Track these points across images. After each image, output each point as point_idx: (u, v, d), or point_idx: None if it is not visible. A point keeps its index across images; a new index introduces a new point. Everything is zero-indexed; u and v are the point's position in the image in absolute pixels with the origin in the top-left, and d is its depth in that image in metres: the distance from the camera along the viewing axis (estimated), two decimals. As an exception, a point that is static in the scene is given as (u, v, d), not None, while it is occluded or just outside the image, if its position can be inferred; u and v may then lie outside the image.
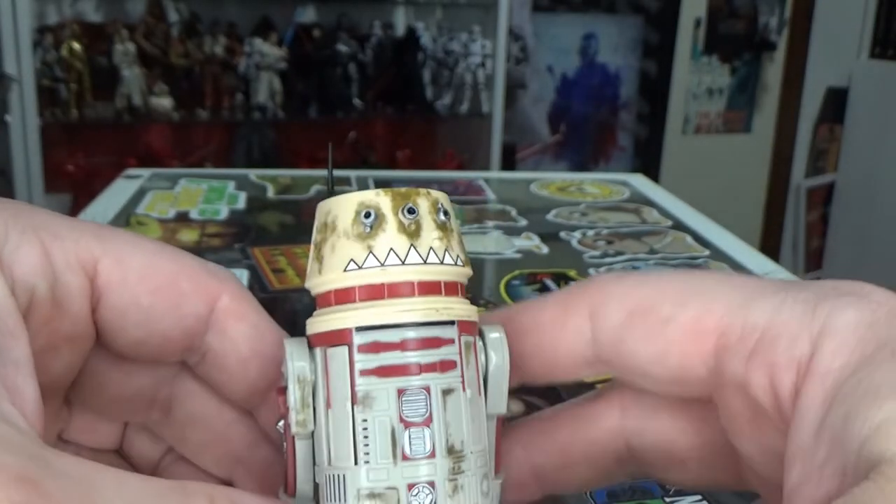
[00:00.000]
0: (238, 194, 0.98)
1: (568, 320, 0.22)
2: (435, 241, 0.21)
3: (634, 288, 0.22)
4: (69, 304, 0.21)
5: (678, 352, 0.21)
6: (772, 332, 0.19)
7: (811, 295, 0.19)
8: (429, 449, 0.19)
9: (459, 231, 0.22)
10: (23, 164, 2.01)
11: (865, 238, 2.80)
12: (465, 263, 0.21)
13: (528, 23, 2.57)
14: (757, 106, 2.91)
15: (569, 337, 0.22)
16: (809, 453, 0.17)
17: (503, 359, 0.21)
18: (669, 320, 0.21)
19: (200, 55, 2.20)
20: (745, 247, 0.85)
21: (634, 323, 0.21)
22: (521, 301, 0.24)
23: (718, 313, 0.20)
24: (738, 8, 2.80)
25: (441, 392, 0.20)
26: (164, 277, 0.22)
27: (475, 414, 0.20)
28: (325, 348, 0.20)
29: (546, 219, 0.92)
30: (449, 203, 0.22)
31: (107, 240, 0.22)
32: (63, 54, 2.06)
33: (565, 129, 2.79)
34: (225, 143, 2.37)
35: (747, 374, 0.19)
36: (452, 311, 0.20)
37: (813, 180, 2.99)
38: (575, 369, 0.23)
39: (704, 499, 0.42)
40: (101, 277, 0.21)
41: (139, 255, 0.22)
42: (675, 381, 0.21)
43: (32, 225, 0.20)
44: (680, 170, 2.77)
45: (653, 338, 0.21)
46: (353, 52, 2.30)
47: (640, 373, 0.22)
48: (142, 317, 0.22)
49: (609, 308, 0.22)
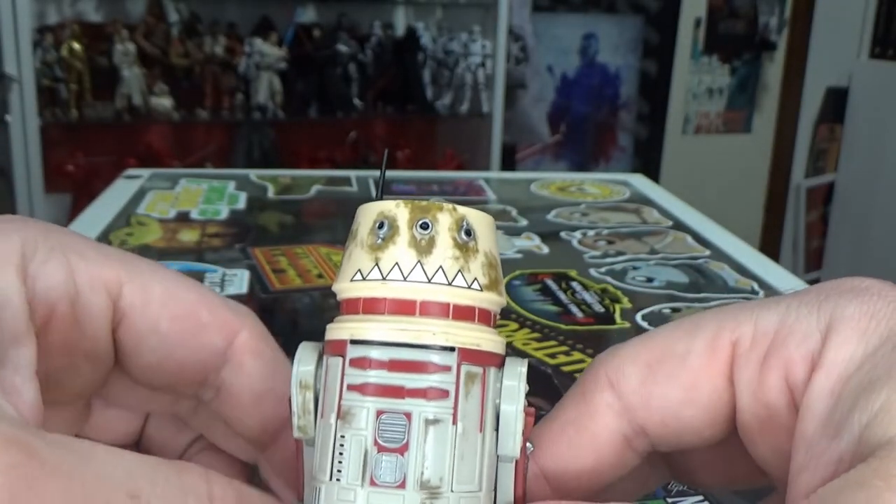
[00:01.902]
0: (238, 194, 0.98)
1: (593, 403, 0.22)
2: (448, 259, 0.20)
3: (642, 344, 0.22)
4: (90, 323, 0.21)
5: (704, 379, 0.21)
6: (783, 333, 0.19)
7: (814, 296, 0.20)
8: (398, 479, 0.18)
9: (491, 256, 0.20)
10: (23, 164, 2.01)
11: (865, 238, 2.80)
12: (485, 288, 0.20)
13: (528, 23, 2.57)
14: (757, 106, 2.91)
15: (601, 417, 0.22)
16: (812, 443, 0.18)
17: (515, 398, 0.20)
18: (686, 354, 0.21)
19: (200, 55, 2.20)
20: (745, 247, 0.85)
21: (655, 371, 0.21)
22: (544, 418, 0.23)
23: (729, 328, 0.20)
24: (738, 8, 2.80)
25: (424, 421, 0.19)
26: (186, 307, 0.23)
27: (467, 451, 0.19)
28: (328, 357, 0.20)
29: (546, 219, 0.92)
30: (484, 223, 0.20)
31: (132, 265, 0.22)
32: (63, 54, 2.06)
33: (565, 129, 2.79)
34: (225, 143, 2.37)
35: (762, 377, 0.20)
36: (455, 337, 0.19)
37: (813, 180, 2.99)
38: (618, 452, 0.22)
39: (706, 499, 0.42)
40: (125, 300, 0.22)
41: (162, 283, 0.22)
42: (710, 414, 0.21)
43: (61, 244, 0.21)
44: (680, 170, 2.77)
45: (677, 376, 0.21)
46: (353, 52, 2.30)
47: (677, 421, 0.21)
48: (159, 342, 0.22)
49: (627, 371, 0.21)
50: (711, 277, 0.76)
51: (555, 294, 0.70)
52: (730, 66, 2.83)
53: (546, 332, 0.62)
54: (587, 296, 0.70)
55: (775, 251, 2.97)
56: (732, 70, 2.84)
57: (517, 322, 0.64)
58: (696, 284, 0.74)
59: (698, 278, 0.75)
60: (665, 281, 0.74)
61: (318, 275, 0.72)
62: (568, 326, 0.64)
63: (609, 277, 0.74)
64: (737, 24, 2.81)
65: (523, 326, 0.63)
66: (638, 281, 0.74)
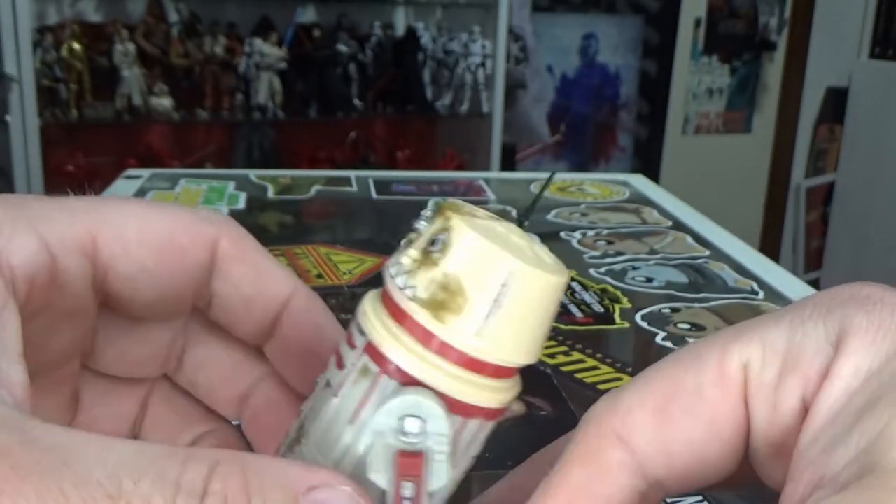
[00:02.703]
0: (238, 194, 0.98)
1: (601, 464, 0.20)
2: (405, 257, 0.20)
3: (644, 386, 0.20)
4: (70, 286, 0.21)
5: (723, 409, 0.19)
6: (794, 351, 0.19)
7: (817, 308, 0.19)
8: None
9: (454, 281, 0.19)
10: (23, 164, 2.01)
11: (865, 238, 2.80)
12: (421, 303, 0.19)
13: (528, 23, 2.57)
14: (757, 106, 2.91)
15: (612, 481, 0.20)
16: (804, 454, 0.17)
17: (384, 413, 0.19)
18: (699, 387, 0.19)
19: (200, 55, 2.20)
20: (745, 247, 0.85)
21: (668, 413, 0.19)
22: (544, 481, 0.20)
23: (735, 351, 0.19)
24: (738, 8, 2.80)
25: (325, 380, 0.21)
26: (164, 237, 0.23)
27: (333, 430, 0.20)
28: None
29: (546, 219, 0.92)
30: (471, 250, 0.19)
31: (99, 213, 0.22)
32: (63, 54, 2.06)
33: (565, 129, 2.79)
34: (225, 144, 2.37)
35: (777, 398, 0.19)
36: (371, 326, 0.20)
37: (813, 180, 2.99)
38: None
39: (705, 499, 0.42)
40: (103, 252, 0.22)
41: (135, 221, 0.22)
42: (733, 445, 0.20)
43: (24, 214, 0.21)
44: (680, 170, 2.77)
45: (694, 412, 0.19)
46: (353, 52, 2.30)
47: (701, 462, 0.20)
48: (150, 280, 0.23)
49: (637, 420, 0.20)
50: (711, 277, 0.76)
51: (554, 294, 0.70)
52: (730, 66, 2.83)
53: (546, 332, 0.62)
54: (587, 296, 0.70)
55: (775, 251, 2.97)
56: (732, 70, 2.84)
57: (517, 322, 0.64)
58: (696, 284, 0.74)
59: (698, 278, 0.75)
60: (665, 281, 0.74)
61: (317, 275, 0.72)
62: (567, 326, 0.64)
63: (609, 277, 0.74)
64: (737, 24, 2.81)
65: (523, 326, 0.63)
66: (637, 281, 0.74)
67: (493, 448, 0.23)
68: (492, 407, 0.20)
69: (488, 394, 0.20)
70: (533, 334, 0.20)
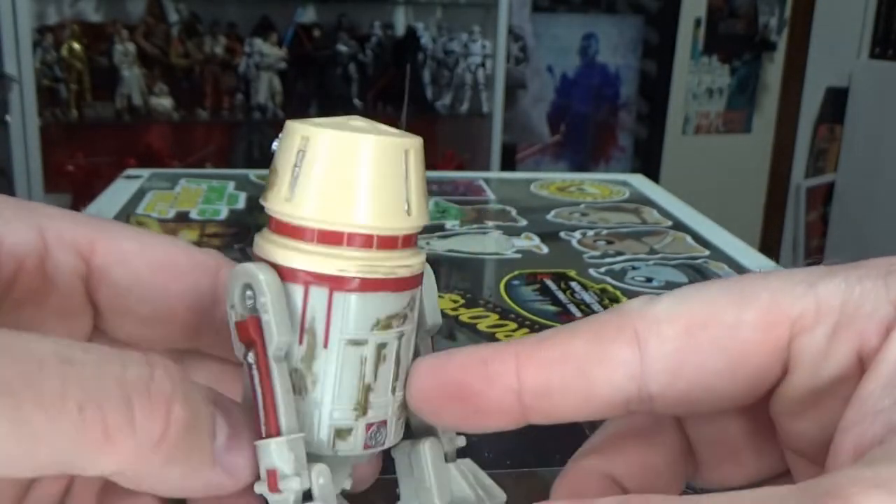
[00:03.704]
0: (238, 194, 0.98)
1: (607, 351, 0.20)
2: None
3: (681, 303, 0.20)
4: (60, 280, 0.22)
5: (755, 353, 0.19)
6: (851, 306, 0.19)
7: (874, 271, 0.19)
8: None
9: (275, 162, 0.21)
10: (23, 164, 2.01)
11: (865, 238, 2.80)
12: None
13: (528, 23, 2.57)
14: (757, 106, 2.91)
15: (608, 371, 0.20)
16: (871, 400, 0.17)
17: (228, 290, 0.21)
18: (737, 324, 0.19)
19: (200, 55, 2.20)
20: (745, 247, 0.85)
21: (696, 336, 0.19)
22: (542, 332, 0.21)
23: (786, 303, 0.19)
24: (738, 8, 2.80)
25: None
26: (162, 255, 0.23)
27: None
28: None
29: (546, 219, 0.92)
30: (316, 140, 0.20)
31: (101, 225, 0.23)
32: (63, 54, 2.06)
33: (565, 129, 2.79)
34: (225, 143, 2.37)
35: (829, 349, 0.19)
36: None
37: (813, 180, 2.99)
38: (609, 409, 0.20)
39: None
40: (99, 257, 0.22)
41: (134, 238, 0.23)
42: (746, 390, 0.20)
43: (29, 208, 0.22)
44: (680, 170, 2.77)
45: (723, 347, 0.19)
46: (353, 52, 2.30)
47: (703, 394, 0.20)
48: (144, 293, 0.23)
49: (661, 329, 0.19)
50: (711, 278, 0.76)
51: (554, 294, 0.70)
52: (730, 66, 2.83)
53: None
54: (586, 296, 0.70)
55: (775, 251, 2.97)
56: (732, 70, 2.84)
57: (516, 322, 0.64)
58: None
59: (698, 278, 0.75)
60: (664, 281, 0.74)
61: (317, 275, 0.72)
62: (567, 326, 0.63)
63: (608, 277, 0.74)
64: (737, 24, 2.81)
65: (522, 326, 0.63)
66: (637, 281, 0.74)
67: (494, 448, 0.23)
68: (325, 272, 0.20)
69: (314, 258, 0.20)
70: (351, 194, 0.20)
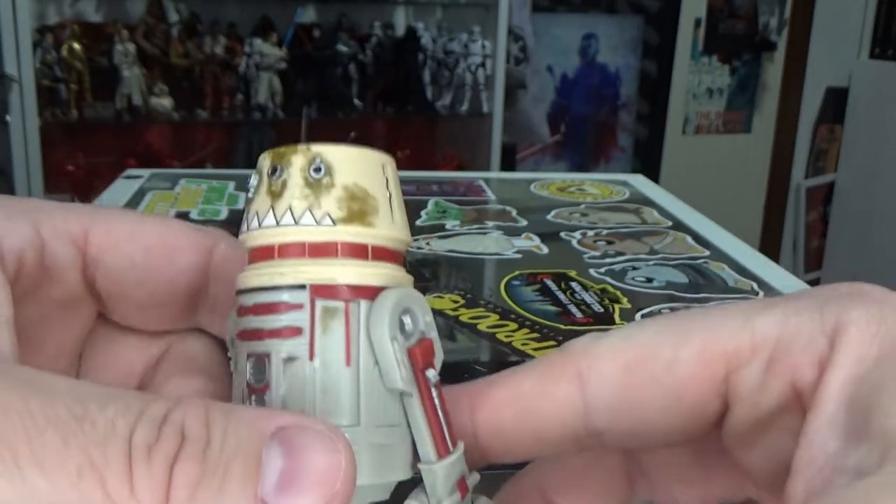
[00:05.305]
0: (238, 195, 0.98)
1: (552, 389, 0.20)
2: (295, 199, 0.20)
3: (623, 341, 0.20)
4: (59, 271, 0.22)
5: (692, 389, 0.20)
6: (786, 339, 0.19)
7: (812, 301, 0.19)
8: None
9: (356, 188, 0.20)
10: (23, 164, 2.01)
11: (865, 238, 2.80)
12: (341, 221, 0.20)
13: (528, 23, 2.57)
14: (757, 106, 2.91)
15: (554, 408, 0.20)
16: (819, 442, 0.17)
17: (380, 326, 0.19)
18: (674, 360, 0.20)
19: (200, 55, 2.20)
20: (745, 247, 0.85)
21: (635, 374, 0.20)
22: (494, 374, 0.21)
23: (723, 338, 0.19)
24: (738, 8, 2.80)
25: (280, 360, 0.19)
26: (155, 237, 0.23)
27: (330, 385, 0.19)
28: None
29: (546, 219, 0.92)
30: (348, 158, 0.20)
31: (95, 213, 0.23)
32: (63, 54, 2.06)
33: (565, 129, 2.79)
34: (225, 143, 2.37)
35: (765, 383, 0.19)
36: (305, 274, 0.19)
37: (813, 180, 2.99)
38: (560, 445, 0.21)
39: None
40: (93, 246, 0.22)
41: (126, 221, 0.23)
42: (687, 424, 0.20)
43: (23, 205, 0.22)
44: (680, 170, 2.77)
45: (660, 383, 0.20)
46: (353, 52, 2.30)
47: (647, 429, 0.20)
48: (140, 277, 0.23)
49: (601, 367, 0.20)
50: (711, 278, 0.76)
51: (554, 294, 0.70)
52: (730, 66, 2.83)
53: (545, 332, 0.62)
54: (586, 296, 0.70)
55: (775, 251, 2.97)
56: (732, 70, 2.84)
57: (516, 322, 0.64)
58: (696, 285, 0.74)
59: (698, 278, 0.75)
60: (665, 281, 0.74)
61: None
62: (567, 326, 0.64)
63: (608, 278, 0.74)
64: (737, 25, 2.81)
65: (522, 326, 0.63)
66: (637, 281, 0.74)
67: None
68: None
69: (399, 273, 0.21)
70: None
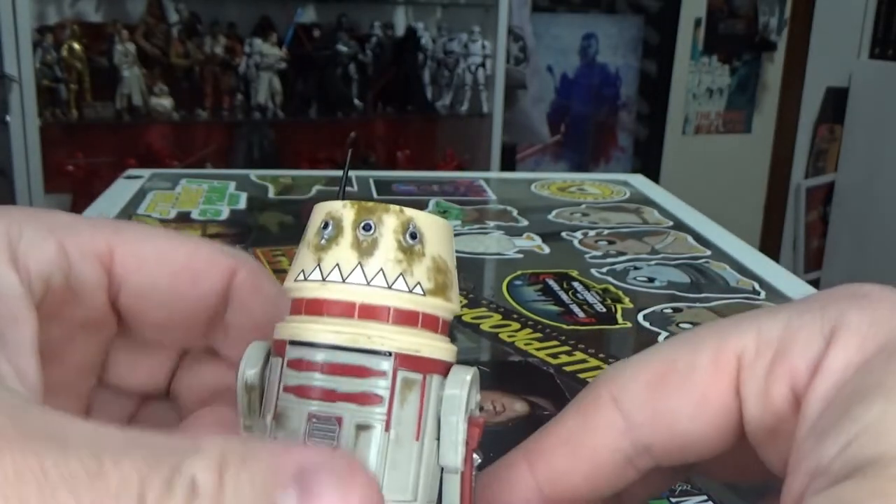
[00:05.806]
0: (239, 195, 0.98)
1: (593, 420, 0.21)
2: (389, 262, 0.19)
3: (644, 362, 0.21)
4: (85, 293, 0.22)
5: (713, 393, 0.20)
6: (787, 342, 0.19)
7: (815, 303, 0.20)
8: None
9: (440, 261, 0.20)
10: (23, 164, 2.01)
11: (865, 238, 2.80)
12: (430, 293, 0.19)
13: (528, 23, 2.57)
14: (757, 106, 2.91)
15: (599, 437, 0.21)
16: (800, 447, 0.18)
17: (457, 408, 0.19)
18: (692, 368, 0.20)
19: (200, 55, 2.20)
20: (745, 247, 0.85)
21: (660, 388, 0.21)
22: (541, 427, 0.22)
23: (732, 340, 0.20)
24: (738, 8, 2.80)
25: (355, 426, 0.18)
26: (180, 259, 0.23)
27: (401, 459, 0.19)
28: (273, 357, 0.20)
29: (547, 219, 0.92)
30: (434, 227, 0.20)
31: (121, 231, 0.23)
32: (63, 54, 2.06)
33: (565, 129, 2.79)
34: (225, 144, 2.37)
35: (768, 386, 0.19)
36: (392, 342, 0.19)
37: (813, 180, 2.99)
38: (615, 471, 0.21)
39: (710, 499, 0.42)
40: (119, 266, 0.22)
41: (153, 243, 0.23)
42: (720, 430, 0.21)
43: (48, 223, 0.22)
44: (680, 170, 2.77)
45: (684, 391, 0.20)
46: (353, 52, 2.30)
47: (685, 436, 0.21)
48: (163, 298, 0.23)
49: (630, 388, 0.21)
50: (712, 277, 0.76)
51: (556, 294, 0.70)
52: (730, 66, 2.83)
53: (548, 332, 0.62)
54: (588, 296, 0.70)
55: (775, 251, 2.97)
56: (732, 70, 2.84)
57: (518, 322, 0.64)
58: (697, 284, 0.74)
59: (699, 278, 0.75)
60: (666, 281, 0.74)
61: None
62: (569, 326, 0.64)
63: (610, 277, 0.74)
64: (737, 24, 2.81)
65: (525, 326, 0.63)
66: (639, 281, 0.74)
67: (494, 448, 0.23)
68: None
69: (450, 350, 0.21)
70: None
